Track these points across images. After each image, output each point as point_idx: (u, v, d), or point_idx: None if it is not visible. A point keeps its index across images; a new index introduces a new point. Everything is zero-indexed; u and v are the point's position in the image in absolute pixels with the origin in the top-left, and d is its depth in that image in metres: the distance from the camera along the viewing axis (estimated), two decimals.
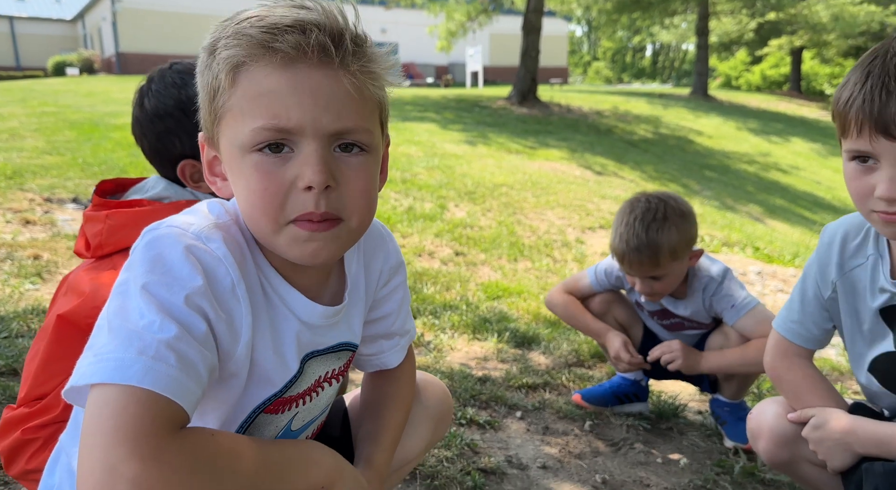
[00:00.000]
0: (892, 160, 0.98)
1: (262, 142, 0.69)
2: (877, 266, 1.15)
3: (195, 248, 0.69)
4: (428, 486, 1.56)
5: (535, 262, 4.29)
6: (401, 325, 0.98)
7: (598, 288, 2.08)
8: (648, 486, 1.67)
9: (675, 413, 2.10)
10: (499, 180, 6.44)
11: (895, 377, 1.17)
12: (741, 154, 12.61)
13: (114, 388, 0.60)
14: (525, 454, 1.78)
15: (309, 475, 0.74)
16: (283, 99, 0.68)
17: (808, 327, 1.25)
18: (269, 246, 0.75)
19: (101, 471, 0.57)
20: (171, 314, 0.64)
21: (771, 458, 1.27)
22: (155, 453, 0.58)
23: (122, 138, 6.55)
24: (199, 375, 0.65)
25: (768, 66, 28.48)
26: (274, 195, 0.70)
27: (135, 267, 0.67)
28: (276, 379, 0.78)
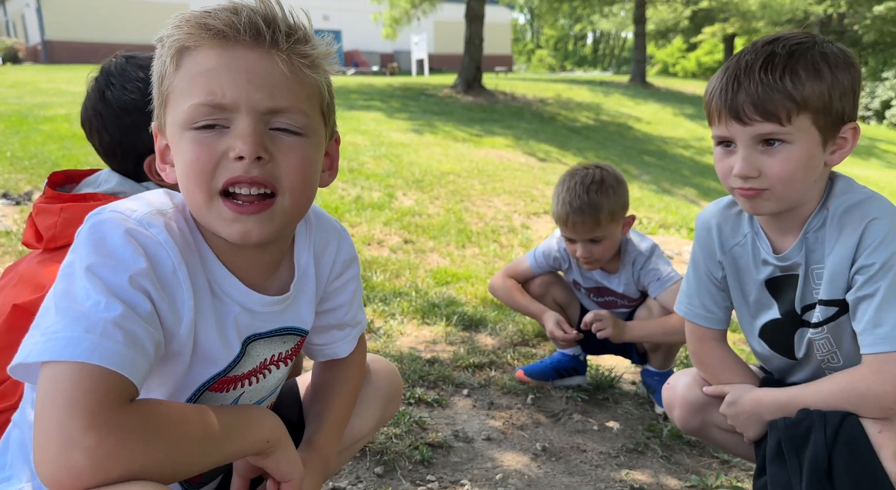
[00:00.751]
0: (744, 142, 1.13)
1: (199, 118, 0.73)
2: (756, 242, 1.28)
3: (137, 232, 0.72)
4: (377, 461, 1.64)
5: (482, 248, 4.40)
6: (353, 316, 1.02)
7: (537, 270, 2.20)
8: (585, 452, 1.80)
9: (610, 384, 2.24)
10: (446, 168, 6.52)
11: (781, 341, 1.31)
12: (677, 139, 13.09)
13: (65, 364, 0.63)
14: (471, 428, 1.88)
15: (252, 435, 0.77)
16: (219, 77, 0.72)
17: (711, 310, 1.36)
18: (205, 223, 0.78)
19: (58, 443, 0.60)
20: (116, 294, 0.68)
21: (684, 424, 1.40)
22: (109, 424, 0.62)
23: (52, 131, 6.28)
24: (145, 351, 0.68)
25: (703, 52, 29.50)
26: (205, 164, 0.73)
27: (79, 250, 0.70)
28: (220, 359, 0.83)
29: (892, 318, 1.09)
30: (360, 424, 1.07)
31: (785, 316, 1.28)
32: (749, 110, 1.11)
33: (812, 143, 1.12)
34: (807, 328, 1.26)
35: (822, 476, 1.09)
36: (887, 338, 1.09)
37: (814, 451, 1.11)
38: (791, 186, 1.14)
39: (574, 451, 1.80)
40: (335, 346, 1.02)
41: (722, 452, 1.81)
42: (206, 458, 0.71)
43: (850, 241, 1.14)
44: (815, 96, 1.10)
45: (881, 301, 1.10)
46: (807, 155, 1.12)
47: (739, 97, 1.11)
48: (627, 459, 1.77)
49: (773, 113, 1.09)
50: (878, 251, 1.11)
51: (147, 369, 0.69)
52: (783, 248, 1.24)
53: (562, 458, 1.76)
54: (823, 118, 1.11)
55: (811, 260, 1.21)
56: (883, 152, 15.55)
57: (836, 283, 1.17)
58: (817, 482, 1.09)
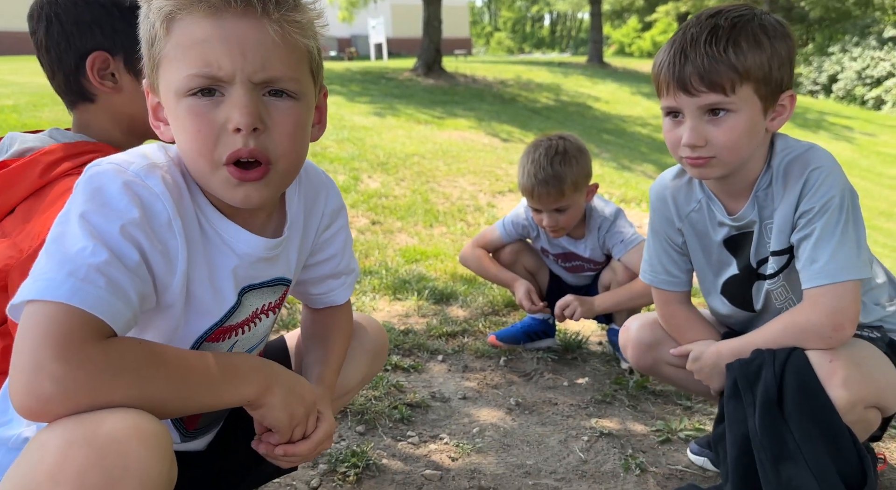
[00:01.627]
0: (691, 112, 1.21)
1: (194, 87, 0.75)
2: (710, 206, 1.36)
3: (133, 183, 0.74)
4: (358, 421, 1.69)
5: (449, 226, 4.45)
6: (346, 264, 1.06)
7: (507, 239, 2.27)
8: (556, 405, 1.88)
9: (579, 345, 2.34)
10: (410, 150, 6.53)
11: (740, 295, 1.40)
12: (635, 117, 13.34)
13: (44, 303, 0.65)
14: (447, 389, 1.95)
15: (238, 385, 0.77)
16: (214, 48, 0.74)
17: (674, 274, 1.44)
18: (207, 187, 0.81)
19: (29, 370, 0.63)
20: (104, 241, 0.70)
21: (637, 362, 1.50)
22: (79, 356, 0.63)
23: (2, 122, 6.06)
24: (128, 299, 0.70)
25: (658, 32, 29.94)
26: (207, 136, 0.76)
27: (76, 198, 0.73)
28: (214, 310, 0.86)
29: (826, 253, 1.18)
30: (350, 377, 1.11)
31: (742, 271, 1.36)
32: (696, 82, 1.17)
33: (754, 112, 1.20)
34: (762, 281, 1.34)
35: (772, 406, 1.19)
36: (822, 272, 1.18)
37: (765, 385, 1.20)
38: (736, 153, 1.21)
39: (546, 405, 1.88)
40: (333, 294, 1.06)
41: (685, 400, 1.92)
42: (182, 402, 0.71)
43: (793, 192, 1.23)
44: (757, 67, 1.17)
45: (817, 239, 1.19)
46: (750, 123, 1.20)
47: (686, 69, 1.17)
48: (596, 410, 1.86)
49: (719, 84, 1.16)
50: (817, 196, 1.20)
51: (129, 317, 0.71)
52: (736, 209, 1.32)
53: (534, 411, 1.84)
54: (764, 87, 1.19)
55: (763, 216, 1.29)
56: (831, 125, 16.12)
57: (784, 232, 1.26)
58: (769, 412, 1.19)
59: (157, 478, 0.64)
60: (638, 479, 1.51)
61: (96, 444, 0.61)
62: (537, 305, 2.11)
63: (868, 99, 20.28)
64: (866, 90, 20.45)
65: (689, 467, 1.57)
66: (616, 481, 1.50)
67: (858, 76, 20.74)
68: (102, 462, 0.60)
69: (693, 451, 1.61)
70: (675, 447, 1.66)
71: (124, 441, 0.62)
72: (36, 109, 6.78)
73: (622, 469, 1.54)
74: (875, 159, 13.30)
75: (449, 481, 1.47)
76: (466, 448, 1.60)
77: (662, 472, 1.54)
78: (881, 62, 20.25)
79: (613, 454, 1.61)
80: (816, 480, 1.12)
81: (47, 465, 0.60)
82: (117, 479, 0.60)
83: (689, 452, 1.62)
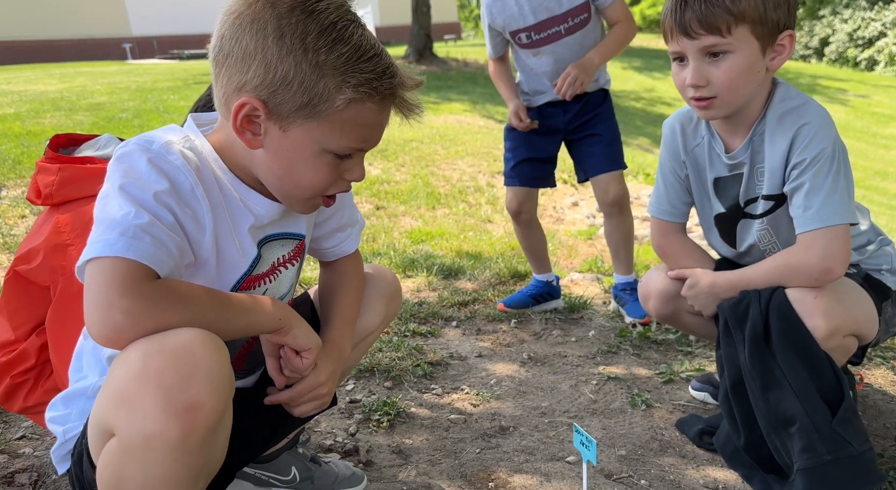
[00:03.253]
0: (693, 55, 1.32)
1: (344, 152, 0.93)
2: (711, 143, 1.48)
3: (157, 159, 0.86)
4: (385, 377, 1.83)
5: (452, 208, 4.57)
6: (350, 217, 1.19)
7: (496, 52, 2.37)
8: (566, 357, 2.02)
9: (584, 305, 2.47)
10: (408, 136, 6.63)
11: (727, 233, 1.52)
12: (628, 92, 13.37)
13: (105, 258, 0.78)
14: (463, 350, 2.08)
15: (263, 311, 0.90)
16: (374, 131, 0.93)
17: (675, 205, 1.56)
18: (285, 201, 0.98)
19: (102, 307, 0.76)
20: (143, 206, 0.82)
21: (659, 312, 1.60)
22: (141, 292, 0.77)
23: (5, 130, 6.16)
24: (169, 251, 0.83)
25: (646, 6, 29.77)
26: (328, 182, 0.95)
27: (112, 176, 0.86)
28: (241, 262, 0.98)
29: (818, 200, 1.29)
30: (368, 320, 1.23)
31: (729, 209, 1.48)
32: (695, 25, 1.28)
33: (752, 52, 1.30)
34: (749, 219, 1.45)
35: (759, 341, 1.31)
36: (814, 217, 1.29)
37: (752, 322, 1.32)
38: (736, 92, 1.31)
39: (556, 357, 2.02)
40: (342, 245, 1.20)
41: (686, 347, 2.05)
42: (225, 325, 0.84)
43: (784, 143, 1.33)
44: (751, 8, 1.27)
45: (809, 188, 1.30)
46: (748, 62, 1.30)
47: (686, 15, 1.29)
48: (603, 359, 2.00)
49: (715, 26, 1.27)
50: (807, 149, 1.30)
51: (172, 266, 0.84)
52: (734, 147, 1.42)
53: (546, 363, 1.98)
54: (760, 27, 1.28)
55: (755, 160, 1.40)
56: (824, 88, 16.13)
57: (774, 180, 1.37)
58: (756, 346, 1.31)
59: (220, 375, 0.77)
60: (644, 414, 1.64)
61: (168, 350, 0.75)
62: (525, 122, 2.22)
63: (861, 60, 20.23)
64: (858, 51, 20.40)
65: (691, 402, 1.71)
66: (624, 416, 1.64)
67: (850, 38, 20.68)
68: (175, 363, 0.74)
69: (694, 388, 1.74)
70: (678, 386, 1.80)
71: (190, 347, 0.76)
72: (38, 116, 6.88)
73: (629, 405, 1.68)
74: (869, 120, 13.34)
75: (472, 423, 1.61)
76: (486, 395, 1.74)
77: (666, 407, 1.68)
78: (872, 23, 20.18)
79: (621, 394, 1.75)
80: (800, 402, 1.24)
81: (132, 371, 0.74)
82: (189, 375, 0.74)
83: (690, 389, 1.75)
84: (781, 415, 1.27)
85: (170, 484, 0.78)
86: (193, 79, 10.31)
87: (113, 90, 8.98)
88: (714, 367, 1.91)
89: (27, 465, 1.38)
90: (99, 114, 6.87)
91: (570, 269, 3.15)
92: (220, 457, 0.84)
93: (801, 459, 1.23)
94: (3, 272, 2.84)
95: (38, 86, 10.05)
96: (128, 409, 0.74)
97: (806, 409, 1.23)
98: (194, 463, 0.78)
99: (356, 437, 1.53)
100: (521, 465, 1.44)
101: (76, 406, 0.98)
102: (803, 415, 1.23)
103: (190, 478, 0.79)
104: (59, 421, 0.99)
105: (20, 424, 1.55)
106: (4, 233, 3.32)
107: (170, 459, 0.75)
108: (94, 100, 7.99)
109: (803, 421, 1.23)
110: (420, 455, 1.47)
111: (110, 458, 0.78)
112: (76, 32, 22.39)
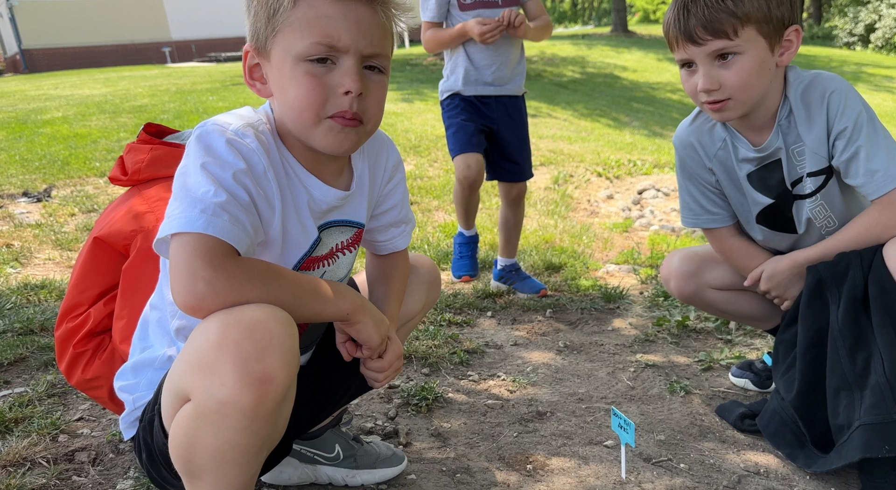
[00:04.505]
0: (702, 60, 1.32)
1: (314, 54, 0.90)
2: (734, 143, 1.46)
3: (234, 141, 0.90)
4: (423, 364, 1.86)
5: (484, 202, 4.56)
6: (405, 214, 1.22)
7: (438, 17, 2.43)
8: (602, 345, 2.02)
9: (620, 295, 2.46)
10: (440, 132, 6.64)
11: (781, 220, 1.48)
12: (664, 84, 13.14)
13: (189, 234, 0.82)
14: (499, 338, 2.10)
15: (338, 302, 0.94)
16: (336, 23, 0.89)
17: (714, 212, 1.53)
18: (305, 137, 0.96)
19: (187, 277, 0.81)
20: (222, 185, 0.86)
21: (681, 292, 1.59)
22: (223, 265, 0.81)
23: (54, 132, 6.42)
24: (245, 229, 0.87)
25: None
26: (319, 95, 0.91)
27: (192, 154, 0.90)
28: (304, 242, 1.02)
29: (881, 162, 1.29)
30: (411, 305, 1.28)
31: (778, 197, 1.45)
32: (700, 32, 1.28)
33: (761, 50, 1.30)
34: (802, 200, 1.43)
35: (857, 302, 1.29)
36: (886, 179, 1.28)
37: (852, 283, 1.30)
38: (749, 91, 1.31)
39: (593, 346, 2.01)
40: (395, 240, 1.22)
41: (725, 334, 2.03)
42: (297, 308, 0.87)
43: (819, 117, 1.33)
44: (755, 8, 1.27)
45: (866, 154, 1.29)
46: (758, 61, 1.30)
47: (690, 22, 1.29)
48: (640, 347, 1.99)
49: (721, 30, 1.27)
50: (845, 116, 1.30)
51: (248, 243, 0.88)
52: (761, 141, 1.41)
53: (582, 351, 1.98)
54: (766, 26, 1.29)
55: (789, 142, 1.39)
56: (870, 76, 15.56)
57: (819, 154, 1.35)
58: (853, 306, 1.29)
59: (291, 351, 0.81)
60: (683, 400, 1.63)
61: (246, 323, 0.79)
62: (490, 25, 2.24)
63: None
64: None
65: (730, 389, 1.69)
66: (663, 402, 1.63)
67: None
68: (253, 335, 0.78)
69: (734, 374, 1.72)
70: (718, 373, 1.78)
71: (266, 321, 0.80)
72: (84, 119, 7.14)
73: (668, 392, 1.67)
74: None
75: (510, 408, 1.62)
76: (522, 382, 1.75)
77: (706, 394, 1.67)
78: None
79: (659, 381, 1.74)
80: (882, 360, 1.23)
81: (211, 341, 0.78)
82: (264, 347, 0.78)
83: (730, 375, 1.74)
84: (860, 372, 1.25)
85: (238, 450, 0.82)
86: (231, 81, 10.55)
87: (154, 93, 9.25)
88: (754, 354, 1.88)
89: (85, 444, 1.45)
90: (141, 115, 7.08)
91: (606, 261, 3.13)
92: (281, 430, 0.88)
93: (866, 416, 1.22)
94: (56, 266, 2.97)
95: (84, 90, 10.42)
96: (205, 375, 0.78)
97: (886, 367, 1.22)
98: (261, 432, 0.82)
99: (395, 421, 1.57)
100: (559, 448, 1.44)
101: (144, 376, 1.03)
102: (881, 373, 1.22)
103: (256, 446, 0.83)
104: (128, 389, 1.04)
105: (78, 407, 1.62)
106: (56, 231, 3.47)
107: (240, 426, 0.79)
108: (137, 102, 8.25)
109: (879, 379, 1.22)
110: (458, 438, 1.50)
111: (185, 421, 0.83)
112: (118, 38, 23.12)
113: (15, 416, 1.53)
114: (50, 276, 2.76)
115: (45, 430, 1.48)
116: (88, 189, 4.43)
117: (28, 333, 2.05)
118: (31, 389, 1.67)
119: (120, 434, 1.47)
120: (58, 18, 22.32)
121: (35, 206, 4.07)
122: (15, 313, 2.22)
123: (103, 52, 22.46)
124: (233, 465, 0.83)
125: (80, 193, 4.30)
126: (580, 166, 5.63)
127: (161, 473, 0.97)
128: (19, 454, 1.37)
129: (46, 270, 2.89)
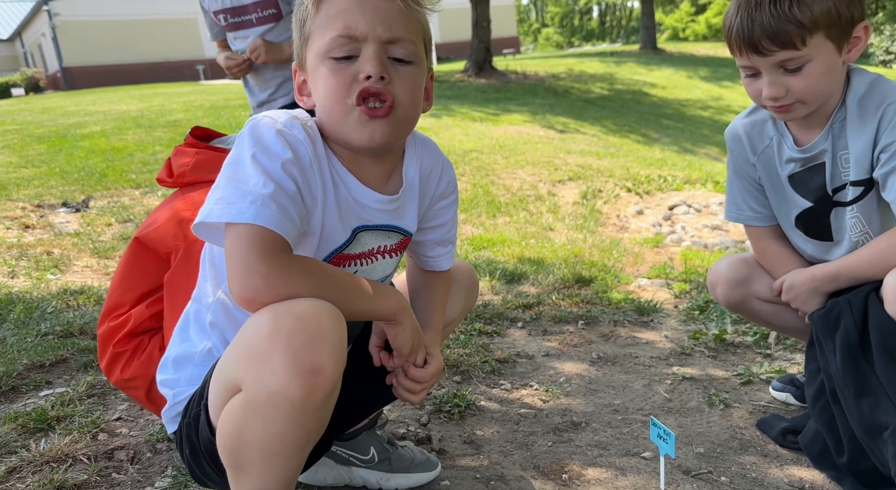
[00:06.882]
0: (766, 70, 1.27)
1: (336, 48, 0.92)
2: (780, 142, 1.43)
3: (284, 131, 0.92)
4: (455, 372, 1.85)
5: (512, 216, 4.57)
6: (452, 235, 1.23)
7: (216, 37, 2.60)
8: (637, 357, 1.98)
9: (654, 309, 2.42)
10: (468, 147, 6.69)
11: (818, 226, 1.44)
12: (694, 101, 13.05)
13: (241, 225, 0.84)
14: (530, 349, 2.08)
15: (385, 301, 0.96)
16: (353, 13, 0.92)
17: (757, 210, 1.50)
18: (340, 132, 0.97)
19: (243, 270, 0.82)
20: (270, 176, 0.87)
21: (727, 299, 1.56)
22: (278, 259, 0.83)
23: (92, 146, 6.61)
24: (292, 219, 0.88)
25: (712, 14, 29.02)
26: (342, 85, 0.93)
27: (242, 144, 0.92)
28: (337, 238, 1.03)
29: None
30: (450, 311, 1.27)
31: (817, 202, 1.41)
32: (766, 43, 1.23)
33: (829, 54, 1.25)
34: (841, 207, 1.39)
35: (853, 348, 1.25)
36: None
37: (844, 331, 1.26)
38: (818, 94, 1.27)
39: (627, 358, 1.98)
40: (440, 259, 1.22)
41: (765, 348, 1.98)
42: (346, 305, 0.88)
43: (870, 127, 1.27)
44: (824, 14, 1.21)
45: None
46: (826, 66, 1.25)
47: (755, 32, 1.23)
48: (676, 360, 1.95)
49: (789, 41, 1.21)
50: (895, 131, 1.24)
51: (295, 233, 0.89)
52: (807, 141, 1.37)
53: (616, 363, 1.95)
54: (835, 30, 1.23)
55: (837, 147, 1.34)
56: None
57: (862, 165, 1.31)
58: (849, 354, 1.25)
59: (340, 345, 0.81)
60: (722, 413, 1.59)
61: (298, 315, 0.79)
62: (234, 61, 2.45)
63: None
64: None
65: (771, 403, 1.65)
66: (701, 415, 1.59)
67: None
68: (305, 327, 0.79)
69: (775, 388, 1.68)
70: (758, 387, 1.74)
71: (318, 314, 0.81)
72: (121, 133, 7.34)
73: (706, 405, 1.63)
74: None
75: (543, 418, 1.60)
76: (556, 392, 1.73)
77: (746, 407, 1.62)
78: None
79: (697, 394, 1.70)
80: (894, 407, 1.18)
81: (264, 332, 0.79)
82: (315, 340, 0.79)
83: (771, 389, 1.69)
84: (875, 421, 1.21)
85: (286, 442, 0.82)
86: None
87: (188, 108, 9.49)
88: (795, 369, 1.83)
89: (124, 443, 1.47)
90: (176, 130, 7.26)
91: (637, 275, 3.09)
92: (325, 425, 0.88)
93: (894, 465, 1.17)
94: (93, 273, 3.04)
95: (121, 106, 10.74)
96: (257, 365, 0.79)
97: None
98: (309, 424, 0.82)
99: (428, 427, 1.56)
100: (595, 459, 1.42)
101: (185, 371, 1.04)
102: None
103: (303, 439, 0.84)
104: (168, 384, 1.06)
105: (116, 407, 1.65)
106: (94, 239, 3.56)
107: (289, 418, 0.79)
108: (172, 117, 8.46)
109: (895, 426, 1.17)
110: (492, 446, 1.48)
111: (234, 412, 0.83)
112: (154, 56, 23.82)
113: (57, 414, 1.56)
114: (88, 282, 2.82)
115: (86, 428, 1.50)
116: (125, 200, 4.54)
117: (68, 336, 2.10)
118: (71, 389, 1.71)
119: (157, 434, 1.48)
120: (97, 38, 23.12)
121: (74, 216, 4.19)
122: (56, 317, 2.27)
123: (139, 69, 23.16)
124: (280, 458, 0.83)
125: (116, 204, 4.41)
126: (609, 181, 5.60)
127: (204, 469, 0.98)
128: (61, 451, 1.39)
129: (84, 277, 2.96)
